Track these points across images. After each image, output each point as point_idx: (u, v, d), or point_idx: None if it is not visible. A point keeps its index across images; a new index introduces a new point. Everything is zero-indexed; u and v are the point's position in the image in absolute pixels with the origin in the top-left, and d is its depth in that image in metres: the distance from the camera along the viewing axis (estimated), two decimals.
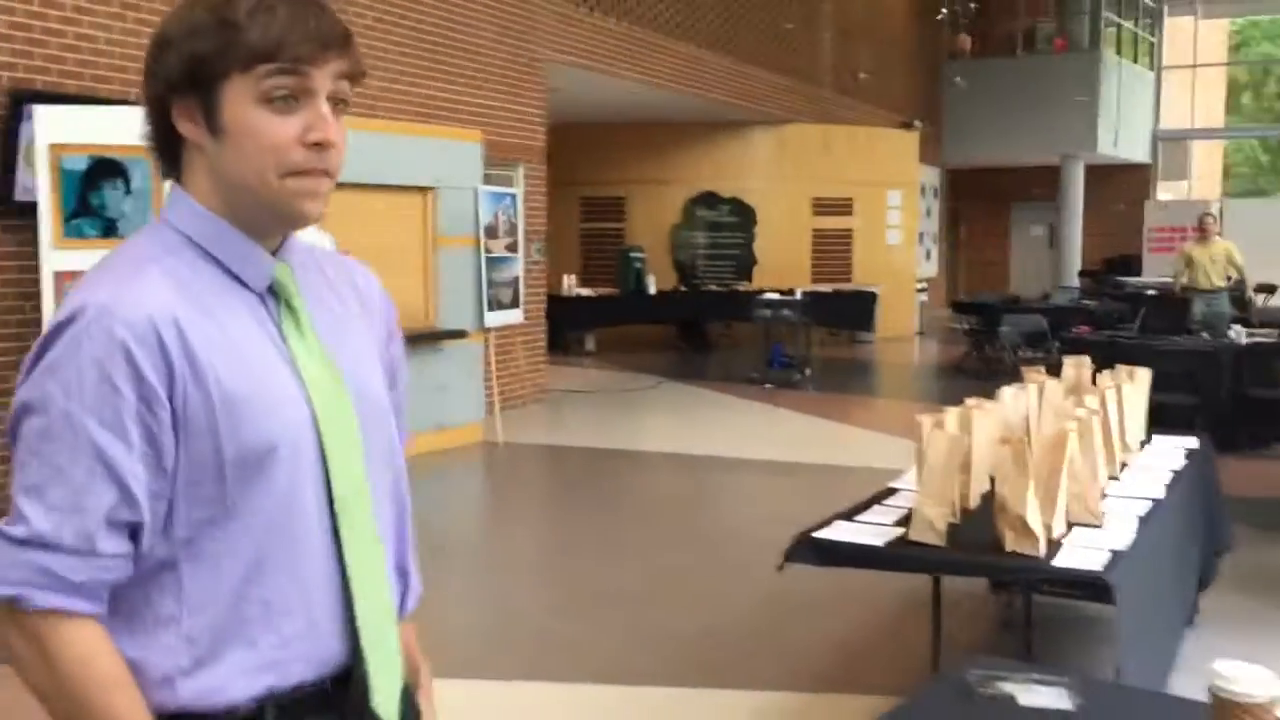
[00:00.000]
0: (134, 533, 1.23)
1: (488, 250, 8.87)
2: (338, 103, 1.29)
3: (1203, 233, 11.98)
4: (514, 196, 9.46)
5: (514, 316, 9.34)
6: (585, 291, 14.78)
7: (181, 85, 1.25)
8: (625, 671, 4.33)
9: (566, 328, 14.41)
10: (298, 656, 1.30)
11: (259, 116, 1.24)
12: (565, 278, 14.43)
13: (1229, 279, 12.03)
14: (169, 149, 1.32)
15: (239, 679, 1.27)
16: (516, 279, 9.36)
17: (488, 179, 9.30)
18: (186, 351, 1.22)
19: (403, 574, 1.50)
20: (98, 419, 1.19)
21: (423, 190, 8.47)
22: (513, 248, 9.27)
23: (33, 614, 1.20)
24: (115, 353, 1.19)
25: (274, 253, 1.34)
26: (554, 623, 4.84)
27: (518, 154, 10.54)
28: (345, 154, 1.32)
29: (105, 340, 1.19)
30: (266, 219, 1.31)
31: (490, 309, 8.87)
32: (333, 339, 1.36)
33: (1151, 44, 23.64)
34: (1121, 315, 12.43)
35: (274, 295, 1.33)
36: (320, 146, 1.26)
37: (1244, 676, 1.65)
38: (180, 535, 1.24)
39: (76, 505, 1.19)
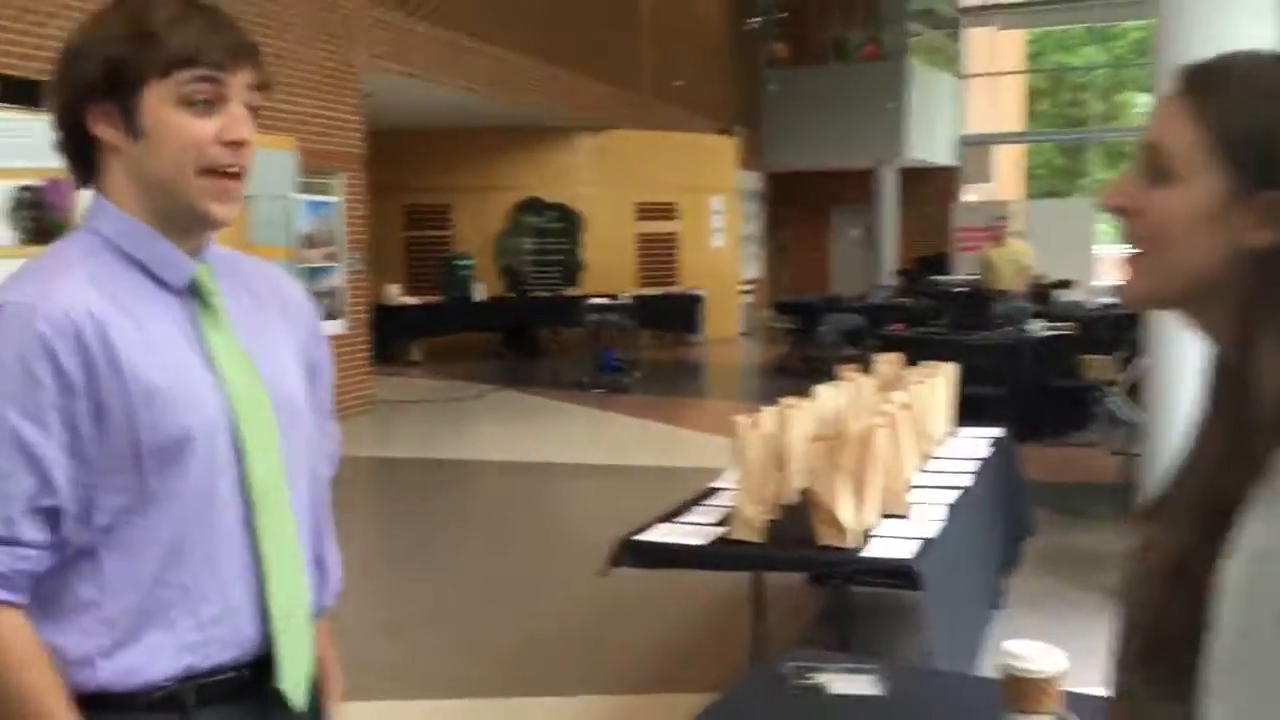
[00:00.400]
0: (55, 522, 1.28)
1: (307, 260, 8.64)
2: (249, 110, 1.36)
3: (997, 237, 12.44)
4: (333, 205, 9.24)
5: (336, 327, 9.13)
6: (411, 300, 14.55)
7: (99, 91, 1.31)
8: (449, 685, 4.27)
9: (392, 337, 14.15)
10: (215, 639, 1.35)
11: (178, 117, 1.31)
12: (390, 287, 14.18)
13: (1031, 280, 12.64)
14: (83, 155, 1.37)
15: (158, 660, 1.32)
16: (338, 289, 9.15)
17: (304, 187, 9.06)
18: (105, 346, 1.28)
19: (320, 568, 1.55)
20: (19, 409, 1.25)
21: None
22: (333, 257, 9.05)
23: None
24: (36, 346, 1.25)
25: (193, 254, 1.39)
26: (376, 640, 4.74)
27: (336, 161, 10.29)
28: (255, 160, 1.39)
29: (26, 334, 1.25)
30: (182, 219, 1.36)
31: None
32: (251, 339, 1.42)
33: (954, 53, 24.75)
34: (933, 312, 12.96)
35: (194, 295, 1.38)
36: (236, 145, 1.33)
37: (1031, 654, 1.73)
38: (100, 523, 1.30)
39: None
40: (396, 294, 14.29)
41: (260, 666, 1.40)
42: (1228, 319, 0.98)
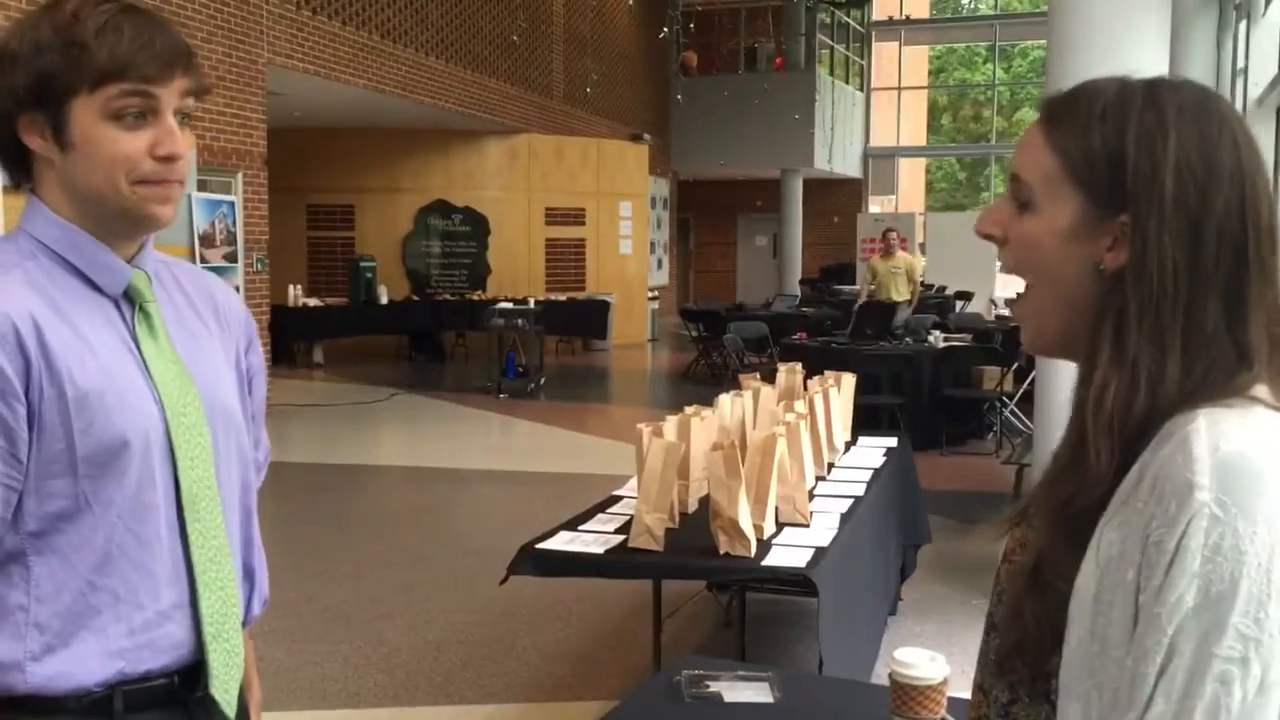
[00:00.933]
0: None
1: (204, 259, 8.46)
2: (182, 116, 1.34)
3: (886, 247, 12.45)
4: (232, 204, 9.06)
5: None
6: (313, 302, 14.32)
7: (28, 102, 1.29)
8: (347, 694, 4.22)
9: (293, 339, 13.92)
10: (146, 645, 1.35)
11: (107, 132, 1.29)
12: (291, 288, 13.93)
13: (919, 290, 12.77)
14: (19, 160, 1.35)
15: (88, 665, 1.31)
16: (236, 289, 8.98)
17: (203, 185, 8.87)
18: (43, 350, 1.27)
19: (249, 576, 1.57)
20: None
21: None
22: (231, 257, 8.88)
23: None
24: None
25: (130, 260, 1.38)
26: (273, 648, 4.65)
27: (236, 159, 10.10)
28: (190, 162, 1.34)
29: None
30: (120, 224, 1.35)
31: None
32: (185, 345, 1.42)
33: (861, 66, 25.19)
34: (836, 321, 13.16)
35: (129, 301, 1.37)
36: (169, 160, 1.32)
37: (917, 661, 1.78)
38: (29, 528, 1.29)
39: None
40: (298, 295, 14.05)
41: (190, 674, 1.40)
42: (1085, 342, 1.01)
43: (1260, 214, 0.97)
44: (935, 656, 1.80)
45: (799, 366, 4.89)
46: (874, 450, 4.66)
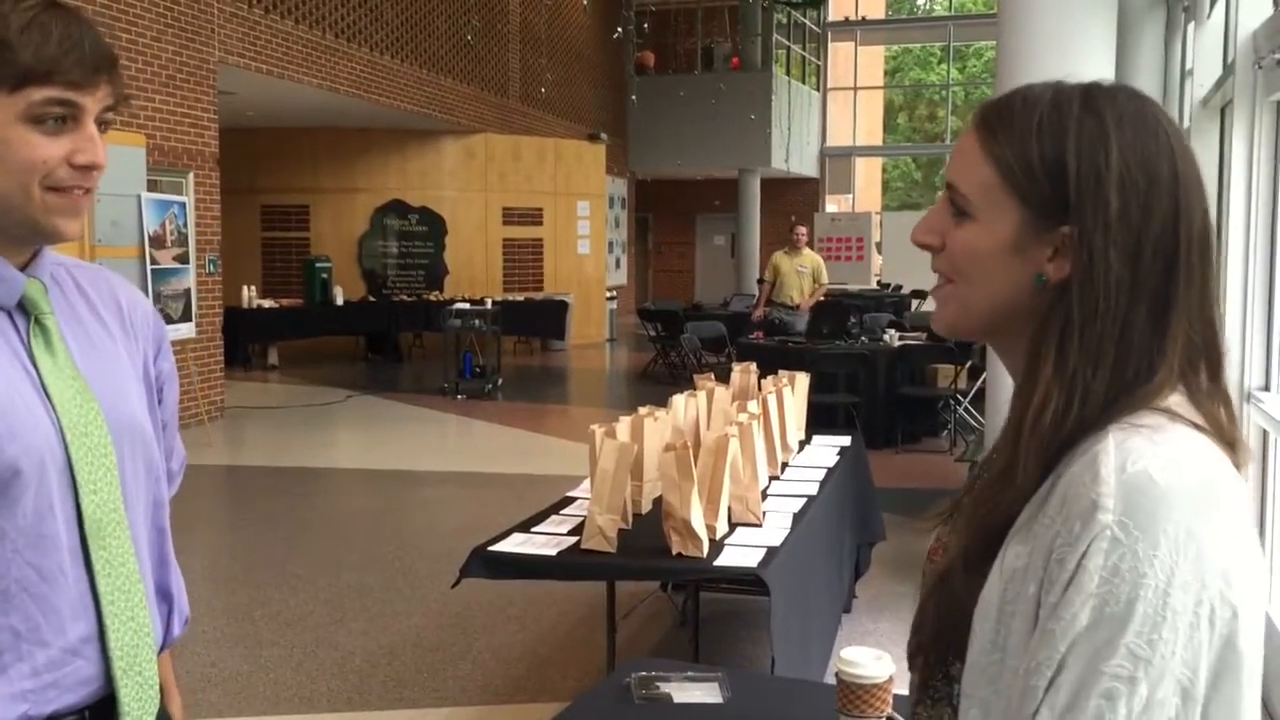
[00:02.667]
0: None
1: (154, 261, 8.35)
2: (102, 124, 1.27)
3: (793, 242, 11.82)
4: (183, 204, 8.95)
5: (186, 330, 8.84)
6: (267, 303, 14.18)
7: None
8: (300, 699, 4.18)
9: (247, 341, 13.78)
10: (52, 685, 1.26)
11: (25, 135, 1.21)
12: (245, 289, 13.79)
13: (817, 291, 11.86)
14: None
15: None
16: (188, 291, 8.87)
17: (153, 185, 8.76)
18: None
19: (166, 599, 1.48)
20: None
21: None
22: (183, 258, 8.77)
23: None
24: None
25: (24, 267, 1.29)
26: (225, 654, 4.60)
27: (187, 160, 9.98)
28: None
29: None
30: (20, 232, 1.26)
31: None
32: (87, 358, 1.33)
33: (817, 66, 25.30)
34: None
35: (24, 313, 1.28)
36: (87, 168, 1.24)
37: (863, 660, 1.78)
38: None
39: None
40: (252, 296, 13.91)
41: (101, 709, 1.32)
42: (1023, 346, 1.02)
43: (1193, 222, 0.97)
44: (881, 655, 1.80)
45: (753, 366, 4.90)
46: (828, 449, 4.68)
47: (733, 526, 3.46)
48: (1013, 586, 0.93)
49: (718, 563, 3.15)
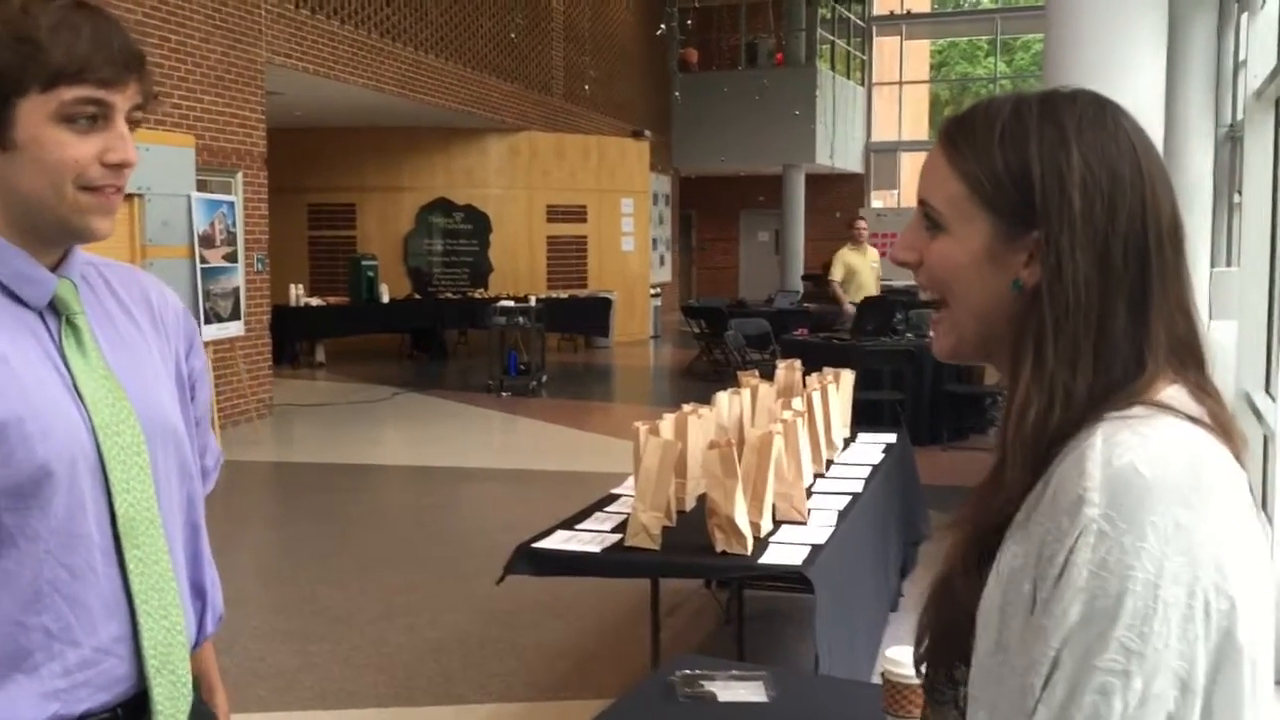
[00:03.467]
0: None
1: (204, 260, 8.46)
2: (132, 123, 1.27)
3: (855, 238, 11.35)
4: (232, 204, 9.06)
5: (234, 329, 8.94)
6: (314, 301, 14.32)
7: None
8: (346, 694, 4.21)
9: (295, 339, 13.93)
10: (83, 684, 1.26)
11: (57, 135, 1.21)
12: (293, 287, 13.94)
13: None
14: None
15: (20, 709, 1.22)
16: (237, 289, 8.97)
17: (203, 185, 8.87)
18: None
19: (200, 596, 1.48)
20: None
21: (128, 196, 7.98)
22: (231, 257, 8.88)
23: None
24: None
25: (55, 268, 1.30)
26: (274, 649, 4.66)
27: (236, 160, 10.10)
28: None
29: None
30: (53, 233, 1.27)
31: (207, 321, 8.45)
32: (118, 357, 1.33)
33: (863, 61, 25.14)
34: (837, 317, 13.12)
35: (55, 313, 1.29)
36: (119, 166, 1.25)
37: (909, 659, 1.77)
38: None
39: None
40: (300, 295, 14.05)
41: (134, 705, 1.32)
42: (1007, 354, 1.03)
43: (1161, 216, 0.98)
44: None
45: (798, 363, 4.88)
46: (873, 446, 4.65)
47: (777, 524, 3.44)
48: (1011, 587, 0.94)
49: (762, 560, 3.14)
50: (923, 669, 1.09)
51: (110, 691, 1.29)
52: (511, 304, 12.91)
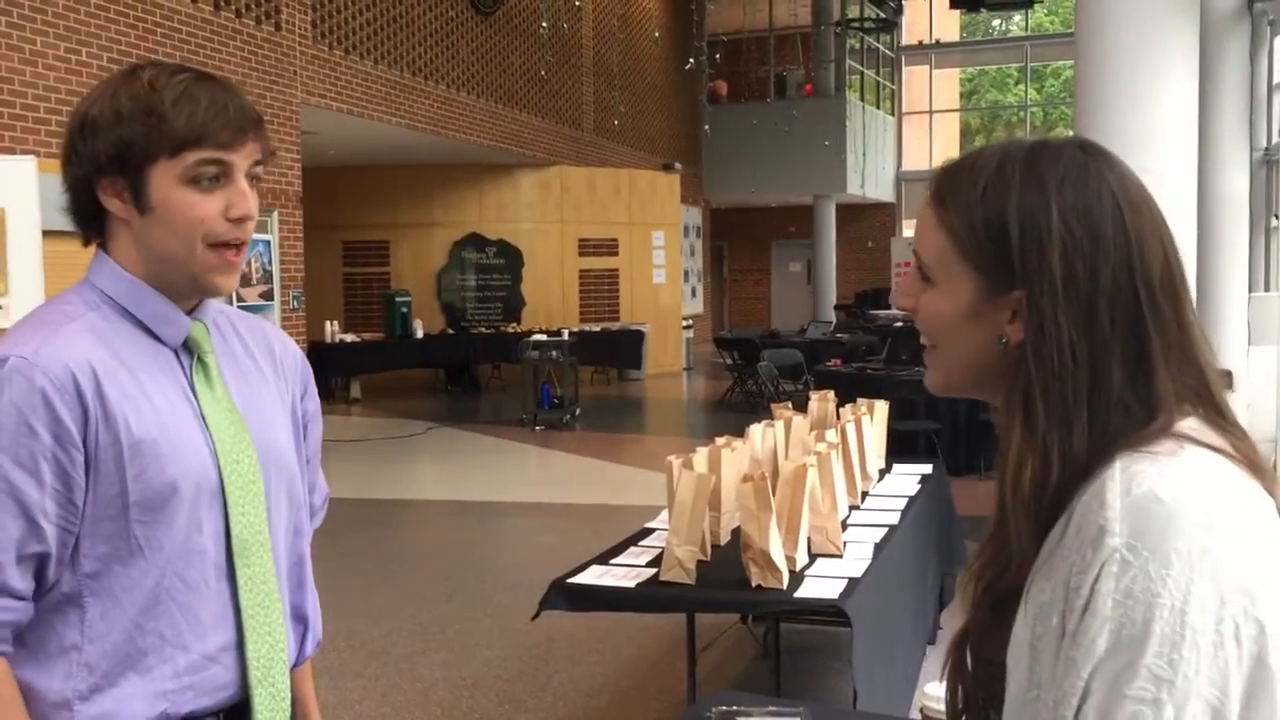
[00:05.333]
0: (42, 570, 1.32)
1: (240, 299, 8.55)
2: (252, 179, 1.41)
3: None
4: (268, 243, 9.17)
5: None
6: (349, 337, 14.43)
7: (109, 168, 1.36)
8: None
9: (330, 375, 14.03)
10: (190, 687, 1.38)
11: (185, 196, 1.36)
12: (328, 324, 14.06)
13: None
14: (93, 219, 1.42)
15: (133, 706, 1.34)
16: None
17: None
18: (100, 399, 1.32)
19: (301, 620, 1.62)
20: (12, 459, 1.29)
21: None
22: (268, 295, 8.97)
23: None
24: (34, 398, 1.29)
25: (190, 313, 1.45)
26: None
27: (271, 199, 10.22)
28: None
29: (26, 388, 1.30)
30: (185, 287, 1.42)
31: None
32: (242, 393, 1.47)
33: (892, 91, 25.17)
34: (871, 347, 13.09)
35: (188, 351, 1.43)
36: (241, 220, 1.39)
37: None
38: (85, 569, 1.33)
39: None
40: (335, 331, 14.17)
41: (235, 713, 1.43)
42: (1000, 398, 1.04)
43: (1151, 273, 0.97)
44: None
45: (831, 394, 4.86)
46: (909, 477, 4.62)
47: (813, 557, 3.42)
48: (1040, 622, 0.93)
49: (798, 594, 3.12)
50: (953, 703, 1.08)
51: (214, 697, 1.41)
52: (544, 338, 12.96)
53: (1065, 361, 0.96)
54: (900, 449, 5.53)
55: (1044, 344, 0.97)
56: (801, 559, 3.32)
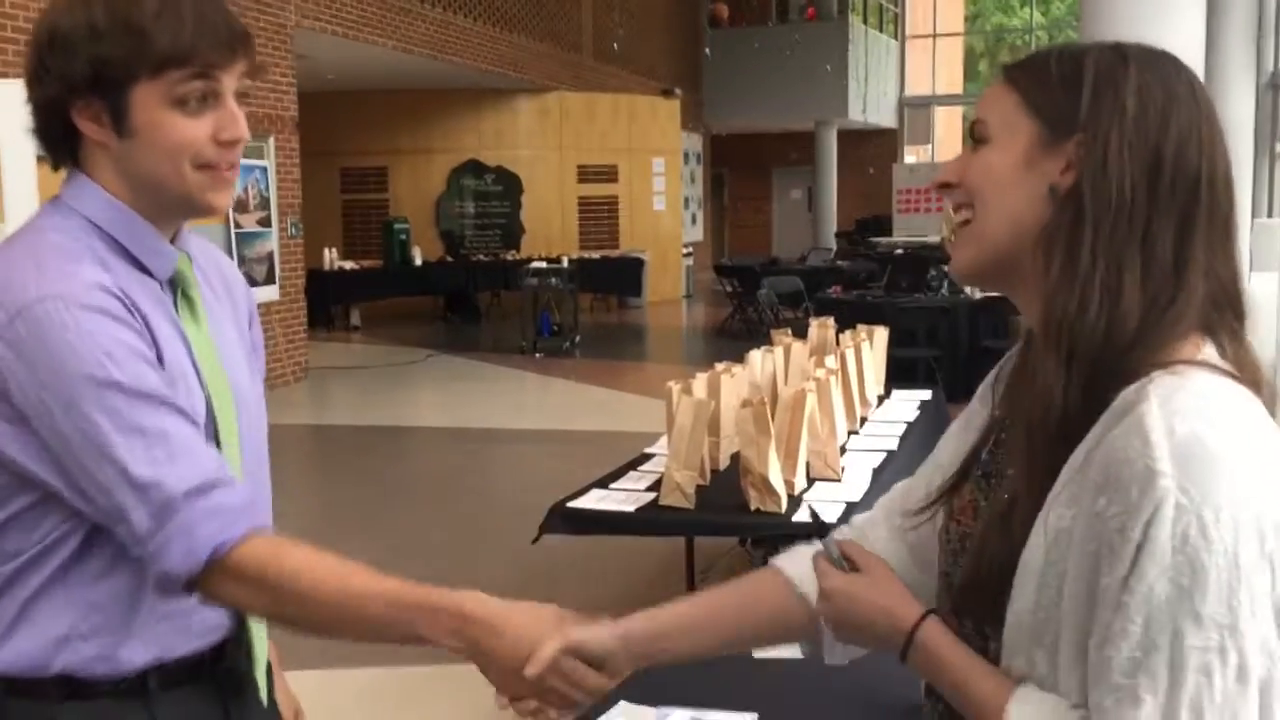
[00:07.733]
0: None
1: (238, 225, 8.51)
2: (241, 96, 1.32)
3: None
4: (264, 169, 9.10)
5: (269, 293, 9.01)
6: (348, 265, 14.39)
7: (84, 88, 1.25)
8: (387, 651, 4.25)
9: (329, 303, 14.00)
10: (183, 629, 1.36)
11: (170, 119, 1.26)
12: (326, 251, 14.00)
13: None
14: (65, 143, 1.31)
15: (129, 648, 1.31)
16: (271, 254, 9.03)
17: None
18: (145, 320, 1.27)
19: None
20: (135, 374, 1.21)
21: None
22: (265, 222, 8.93)
23: (231, 553, 1.24)
24: (103, 318, 1.21)
25: (171, 242, 1.36)
26: None
27: (267, 125, 10.11)
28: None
29: (88, 314, 1.20)
30: (177, 209, 1.33)
31: None
32: (214, 329, 1.41)
33: (895, 14, 24.80)
34: (871, 274, 13.05)
35: (172, 284, 1.35)
36: (231, 143, 1.30)
37: None
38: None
39: (184, 448, 1.23)
40: (333, 259, 14.12)
41: (220, 650, 1.43)
42: (1035, 280, 1.01)
43: (1215, 154, 0.97)
44: None
45: (830, 321, 4.85)
46: (908, 404, 4.63)
47: (811, 481, 3.44)
48: (1056, 549, 0.93)
49: (796, 518, 3.14)
50: (962, 604, 1.08)
51: (204, 639, 1.39)
52: (544, 265, 12.92)
53: (1124, 198, 0.95)
54: (900, 376, 5.53)
55: (1104, 179, 0.96)
56: (800, 483, 3.34)
